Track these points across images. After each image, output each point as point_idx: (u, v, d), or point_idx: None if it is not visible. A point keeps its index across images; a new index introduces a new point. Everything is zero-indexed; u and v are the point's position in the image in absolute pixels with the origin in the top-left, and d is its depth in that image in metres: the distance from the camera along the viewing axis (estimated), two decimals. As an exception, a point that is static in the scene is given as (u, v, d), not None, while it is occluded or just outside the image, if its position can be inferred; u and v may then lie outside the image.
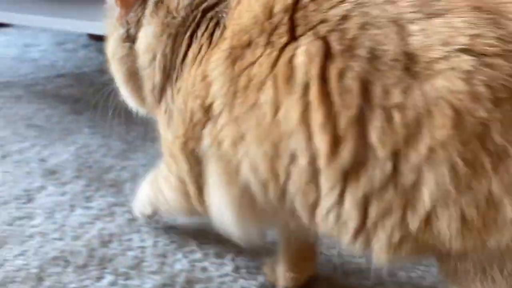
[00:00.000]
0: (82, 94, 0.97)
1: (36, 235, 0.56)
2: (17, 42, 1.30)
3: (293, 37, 0.31)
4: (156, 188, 0.47)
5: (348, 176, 0.30)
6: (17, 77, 1.04)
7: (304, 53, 0.30)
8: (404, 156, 0.28)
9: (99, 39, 1.24)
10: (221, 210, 0.38)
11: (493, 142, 0.26)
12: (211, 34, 0.37)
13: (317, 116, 0.30)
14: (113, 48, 0.45)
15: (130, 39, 0.43)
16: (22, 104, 0.91)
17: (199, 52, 0.37)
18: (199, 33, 0.38)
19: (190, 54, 0.38)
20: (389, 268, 0.36)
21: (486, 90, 0.26)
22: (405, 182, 0.29)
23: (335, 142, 0.30)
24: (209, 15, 0.38)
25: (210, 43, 0.37)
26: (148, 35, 0.41)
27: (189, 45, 0.39)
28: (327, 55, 0.30)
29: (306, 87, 0.30)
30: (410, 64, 0.28)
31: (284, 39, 0.31)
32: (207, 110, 0.35)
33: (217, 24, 0.37)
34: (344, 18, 0.30)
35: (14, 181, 0.67)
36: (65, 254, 0.53)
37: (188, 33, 0.39)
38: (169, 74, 0.40)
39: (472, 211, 0.28)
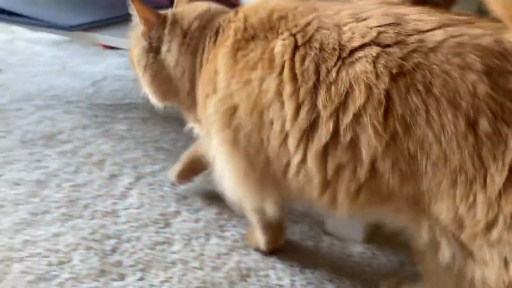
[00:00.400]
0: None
1: (178, 262, 0.58)
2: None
3: (278, 34, 0.45)
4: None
5: (306, 135, 0.41)
6: (140, 99, 1.10)
7: (281, 45, 0.44)
8: (340, 119, 0.39)
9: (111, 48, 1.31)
10: (230, 180, 0.50)
11: (396, 108, 0.37)
12: (215, 40, 0.52)
13: (287, 89, 0.42)
14: (137, 57, 0.57)
15: (153, 50, 0.56)
16: (149, 126, 0.95)
17: (208, 55, 0.52)
18: (206, 44, 0.53)
19: (204, 60, 0.52)
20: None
21: (385, 69, 0.38)
22: (345, 140, 0.39)
23: (297, 108, 0.42)
24: (208, 30, 0.53)
25: (215, 44, 0.51)
26: (174, 52, 0.54)
27: (199, 59, 0.53)
28: (295, 46, 0.43)
29: (281, 68, 0.43)
30: (341, 52, 0.40)
31: (273, 36, 0.45)
32: (214, 90, 0.48)
33: (217, 31, 0.52)
34: (308, 24, 0.44)
35: (150, 204, 0.70)
36: (207, 285, 0.54)
37: (201, 49, 0.53)
38: (193, 81, 0.54)
39: (401, 164, 0.38)
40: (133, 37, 0.59)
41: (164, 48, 0.55)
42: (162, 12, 0.56)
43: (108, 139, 0.89)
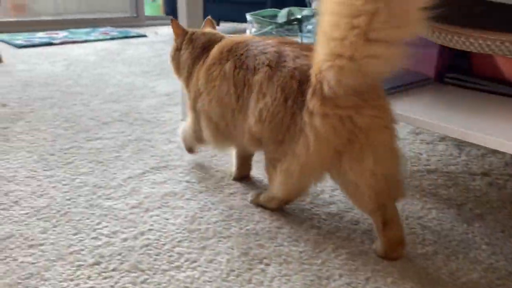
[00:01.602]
0: (464, 199, 0.94)
1: None
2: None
3: (227, 60, 0.82)
4: (185, 131, 1.01)
5: (241, 110, 0.79)
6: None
7: (228, 66, 0.81)
8: (251, 101, 0.76)
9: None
10: (207, 137, 0.90)
11: (268, 91, 0.74)
12: (204, 61, 0.88)
13: (232, 89, 0.80)
14: (170, 52, 0.98)
15: (178, 49, 0.96)
16: (407, 198, 0.93)
17: (200, 67, 0.89)
18: (201, 59, 0.90)
19: (196, 68, 0.90)
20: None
21: (266, 75, 0.74)
22: (246, 105, 0.78)
23: (238, 96, 0.79)
24: (204, 50, 0.91)
25: (203, 63, 0.88)
26: (185, 54, 0.94)
27: (195, 63, 0.91)
28: (234, 67, 0.80)
29: (228, 78, 0.80)
30: (254, 70, 0.77)
31: (225, 61, 0.82)
32: (199, 90, 0.88)
33: (207, 55, 0.88)
34: (241, 54, 0.80)
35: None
36: None
37: (197, 59, 0.91)
38: (190, 73, 0.92)
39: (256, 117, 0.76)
40: (173, 43, 0.99)
41: (182, 50, 0.95)
42: (187, 29, 0.97)
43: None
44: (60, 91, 1.62)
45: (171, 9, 3.29)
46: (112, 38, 2.84)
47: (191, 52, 0.93)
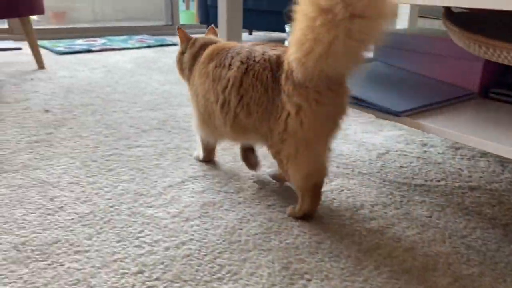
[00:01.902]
0: (509, 219, 0.91)
1: None
2: (413, 138, 1.36)
3: (212, 60, 0.93)
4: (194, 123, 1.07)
5: (221, 103, 0.89)
6: (421, 179, 1.06)
7: (212, 66, 0.92)
8: (225, 93, 0.88)
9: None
10: (199, 128, 1.03)
11: (243, 86, 0.86)
12: (198, 61, 0.99)
13: (213, 85, 0.91)
14: (176, 57, 1.09)
15: (182, 53, 1.07)
16: (449, 215, 0.91)
17: (196, 67, 0.99)
18: (197, 60, 1.00)
19: (194, 68, 1.01)
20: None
21: (239, 71, 0.86)
22: (229, 102, 0.88)
23: (216, 94, 0.91)
24: (202, 51, 1.00)
25: (197, 62, 1.00)
26: (187, 56, 1.04)
27: (194, 65, 1.01)
28: (216, 65, 0.92)
29: (209, 76, 0.93)
30: (229, 67, 0.88)
31: (210, 62, 0.93)
32: (194, 88, 0.98)
33: (201, 54, 0.99)
34: (224, 57, 0.91)
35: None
36: None
37: (195, 61, 1.02)
38: (191, 73, 1.02)
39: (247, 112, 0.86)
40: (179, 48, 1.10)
41: (186, 53, 1.05)
42: (191, 36, 1.07)
43: (412, 223, 0.88)
44: (100, 98, 1.66)
45: (205, 18, 3.33)
46: (148, 46, 2.90)
47: (191, 55, 1.03)
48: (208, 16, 3.32)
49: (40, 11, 2.03)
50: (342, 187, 1.02)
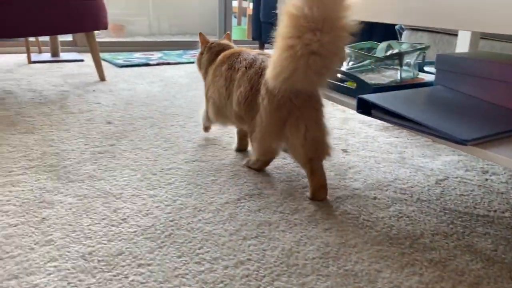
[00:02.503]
0: None
1: None
2: (473, 165, 1.31)
3: (225, 63, 1.20)
4: (201, 114, 1.40)
5: (230, 98, 1.15)
6: (483, 209, 1.02)
7: (225, 68, 1.19)
8: (233, 90, 1.13)
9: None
10: (211, 116, 1.27)
11: (242, 83, 1.11)
12: (214, 63, 1.26)
13: (226, 83, 1.16)
14: (197, 57, 1.36)
15: (201, 54, 1.34)
16: (517, 251, 0.86)
17: (211, 67, 1.26)
18: (213, 61, 1.28)
19: (210, 68, 1.28)
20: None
21: (243, 73, 1.12)
22: (231, 94, 1.15)
23: (226, 88, 1.16)
24: (215, 55, 1.28)
25: (213, 65, 1.26)
26: (205, 57, 1.31)
27: (210, 64, 1.29)
28: (228, 68, 1.18)
29: (224, 76, 1.18)
30: (236, 70, 1.15)
31: (223, 64, 1.21)
32: (209, 83, 1.26)
33: (216, 59, 1.26)
34: (234, 61, 1.17)
35: None
36: None
37: (211, 62, 1.29)
38: (206, 71, 1.31)
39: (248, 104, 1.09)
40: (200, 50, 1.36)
41: (204, 54, 1.32)
42: (209, 40, 1.33)
43: (475, 256, 0.84)
44: (158, 111, 1.72)
45: (257, 34, 3.38)
46: (202, 61, 2.97)
47: (208, 56, 1.30)
48: (260, 32, 3.37)
49: (104, 26, 2.14)
50: (401, 214, 1.00)
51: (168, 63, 2.80)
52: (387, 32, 2.81)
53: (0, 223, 0.87)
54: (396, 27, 2.24)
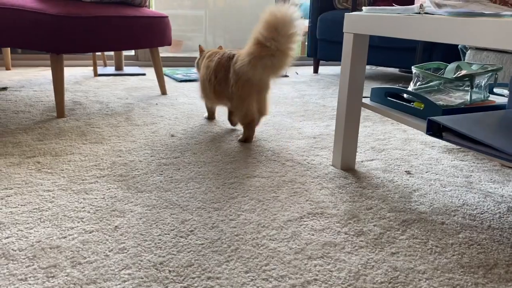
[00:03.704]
0: None
1: None
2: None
3: (211, 60, 1.63)
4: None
5: (212, 84, 1.60)
6: None
7: (206, 60, 1.66)
8: (211, 77, 1.60)
9: None
10: (202, 96, 1.71)
11: (215, 72, 1.59)
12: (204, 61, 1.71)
13: (205, 71, 1.64)
14: (196, 61, 1.83)
15: (199, 59, 1.79)
16: None
17: (202, 62, 1.72)
18: (203, 59, 1.73)
19: (201, 63, 1.74)
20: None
21: (216, 63, 1.61)
22: (214, 84, 1.60)
23: (211, 79, 1.60)
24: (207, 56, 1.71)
25: (203, 59, 1.72)
26: (201, 61, 1.76)
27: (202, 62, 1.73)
28: (209, 61, 1.64)
29: (206, 67, 1.65)
30: (212, 61, 1.64)
31: (210, 60, 1.64)
32: (201, 74, 1.71)
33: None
34: (213, 58, 1.64)
35: None
36: None
37: (203, 61, 1.73)
38: (199, 69, 1.77)
39: (218, 87, 1.60)
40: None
41: (200, 59, 1.76)
42: (205, 49, 1.77)
43: (557, 293, 0.79)
44: (217, 125, 1.76)
45: (313, 51, 3.39)
46: (257, 76, 3.01)
47: (202, 59, 1.71)
48: (316, 49, 3.38)
49: (168, 42, 2.23)
50: (471, 241, 0.96)
51: (225, 78, 2.86)
52: (448, 51, 2.74)
53: (77, 229, 0.92)
54: (460, 46, 2.17)
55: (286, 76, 3.18)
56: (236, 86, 1.48)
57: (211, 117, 1.87)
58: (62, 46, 1.70)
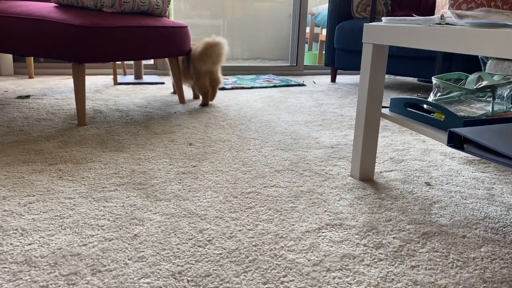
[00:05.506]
0: None
1: None
2: None
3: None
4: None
5: (183, 67, 2.37)
6: None
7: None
8: (182, 63, 2.43)
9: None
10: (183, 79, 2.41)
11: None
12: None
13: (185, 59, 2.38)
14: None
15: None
16: None
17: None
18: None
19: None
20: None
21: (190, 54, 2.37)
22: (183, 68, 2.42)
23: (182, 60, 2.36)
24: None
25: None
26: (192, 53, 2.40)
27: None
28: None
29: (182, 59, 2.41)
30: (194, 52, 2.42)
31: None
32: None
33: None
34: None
35: None
36: None
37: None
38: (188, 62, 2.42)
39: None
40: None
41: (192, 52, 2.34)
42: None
43: None
44: (235, 134, 1.77)
45: (331, 60, 3.39)
46: (274, 86, 3.02)
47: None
48: (334, 58, 3.38)
49: (187, 52, 2.25)
50: (494, 255, 0.94)
51: (243, 88, 2.88)
52: (468, 61, 2.70)
53: (97, 236, 0.93)
54: (480, 56, 2.14)
55: (303, 85, 3.18)
56: (193, 71, 2.22)
57: (194, 94, 2.57)
58: (85, 55, 1.74)
